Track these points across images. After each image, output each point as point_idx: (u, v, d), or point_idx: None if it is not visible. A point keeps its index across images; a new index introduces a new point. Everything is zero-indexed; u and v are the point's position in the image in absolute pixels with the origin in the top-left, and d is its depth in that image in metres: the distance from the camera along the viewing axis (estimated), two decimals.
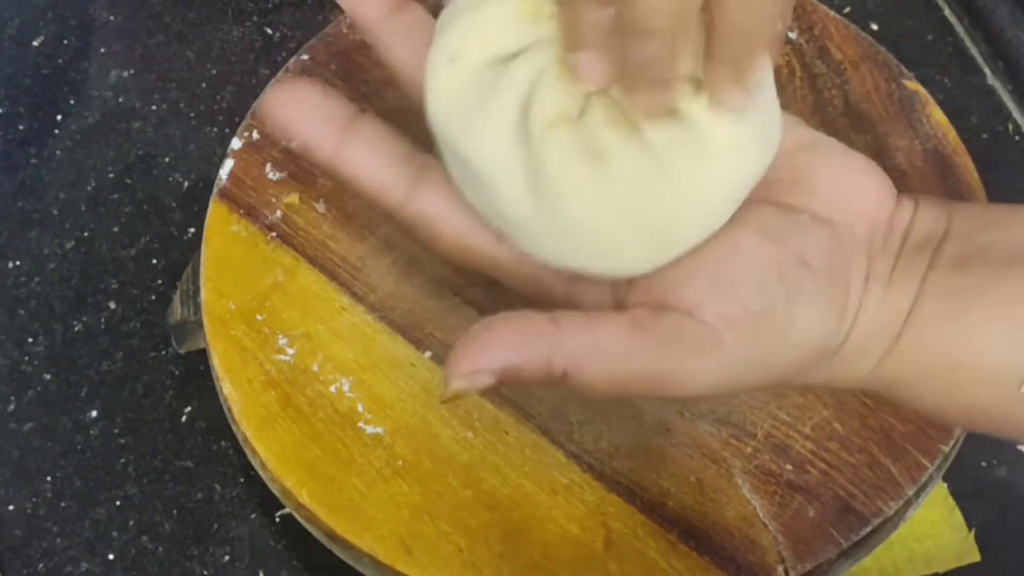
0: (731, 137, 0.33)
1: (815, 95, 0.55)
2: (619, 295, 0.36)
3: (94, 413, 0.56)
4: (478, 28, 0.34)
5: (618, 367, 0.33)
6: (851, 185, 0.36)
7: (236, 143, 0.54)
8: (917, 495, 0.45)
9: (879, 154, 0.52)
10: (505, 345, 0.32)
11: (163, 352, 0.58)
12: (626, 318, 0.34)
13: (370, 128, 0.36)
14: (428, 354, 0.48)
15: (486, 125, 0.34)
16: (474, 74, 0.34)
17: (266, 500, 0.50)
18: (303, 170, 0.53)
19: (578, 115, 0.33)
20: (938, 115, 0.54)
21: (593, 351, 0.33)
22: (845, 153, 0.37)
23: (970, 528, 0.53)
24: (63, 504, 0.54)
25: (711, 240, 0.34)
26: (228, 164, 0.53)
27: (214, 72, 0.68)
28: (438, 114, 0.35)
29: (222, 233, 0.51)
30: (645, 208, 0.33)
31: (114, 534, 0.53)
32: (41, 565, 0.52)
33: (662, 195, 0.33)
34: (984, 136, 0.65)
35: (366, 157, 0.35)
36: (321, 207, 0.52)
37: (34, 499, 0.54)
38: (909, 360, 0.35)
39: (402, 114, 0.54)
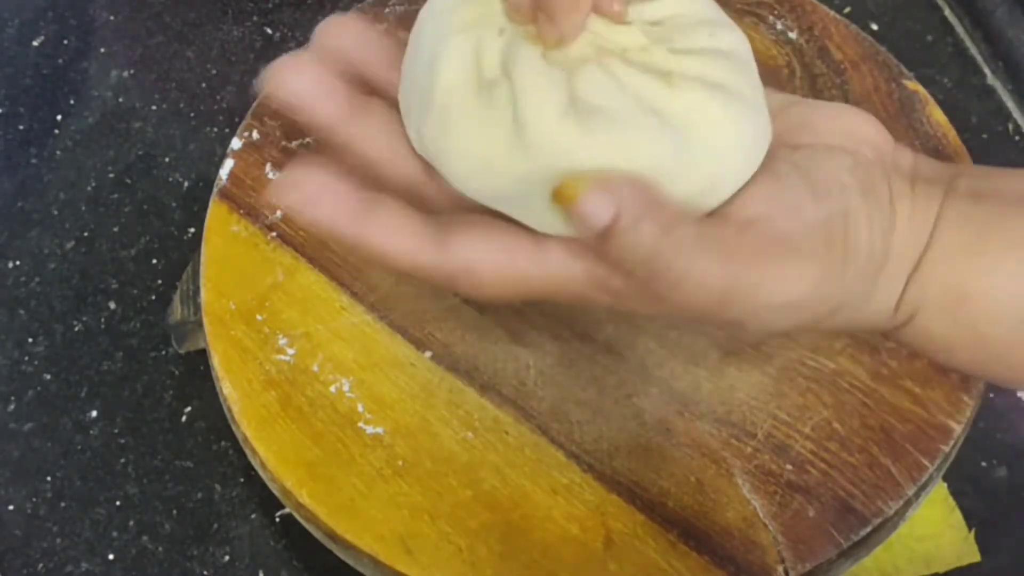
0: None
1: (815, 95, 0.55)
2: None
3: (94, 413, 0.56)
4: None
5: (709, 267, 0.33)
6: (847, 119, 0.37)
7: (236, 143, 0.54)
8: (917, 495, 0.45)
9: None
10: (634, 192, 0.32)
11: (163, 352, 0.58)
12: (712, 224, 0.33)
13: (388, 205, 0.34)
14: (428, 354, 0.48)
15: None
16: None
17: (266, 500, 0.50)
18: None
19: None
20: (938, 115, 0.54)
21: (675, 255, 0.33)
22: (830, 102, 0.38)
23: (970, 528, 0.53)
24: (63, 504, 0.54)
25: (749, 184, 0.34)
26: (228, 164, 0.53)
27: (214, 72, 0.68)
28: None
29: (222, 233, 0.51)
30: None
31: (114, 534, 0.53)
32: (41, 565, 0.52)
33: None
34: (984, 136, 0.65)
35: (388, 230, 0.33)
36: None
37: (34, 499, 0.54)
38: (926, 287, 0.36)
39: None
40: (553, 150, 0.32)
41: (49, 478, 0.55)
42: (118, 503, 0.54)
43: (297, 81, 0.34)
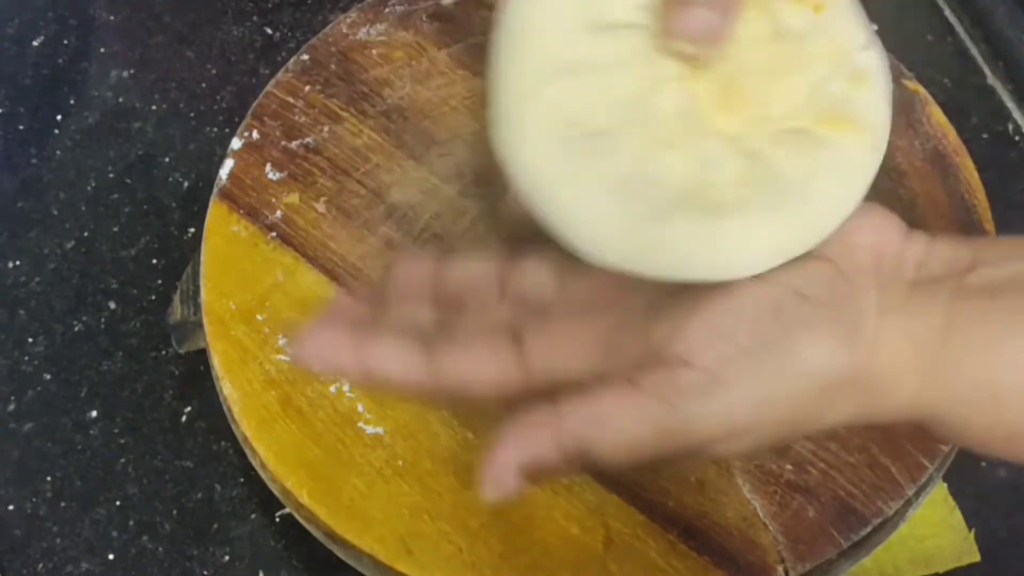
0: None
1: None
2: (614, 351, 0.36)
3: (94, 413, 0.56)
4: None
5: (625, 432, 0.33)
6: (853, 219, 0.36)
7: (236, 143, 0.54)
8: (917, 495, 0.45)
9: None
10: (515, 447, 0.34)
11: (163, 352, 0.58)
12: (622, 380, 0.34)
13: (384, 340, 0.36)
14: None
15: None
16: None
17: (266, 500, 0.50)
18: (303, 170, 0.53)
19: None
20: (938, 115, 0.54)
21: (596, 424, 0.34)
22: None
23: (970, 528, 0.53)
24: (63, 504, 0.54)
25: (704, 288, 0.35)
26: (228, 164, 0.53)
27: (214, 72, 0.68)
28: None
29: (222, 233, 0.51)
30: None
31: (114, 534, 0.53)
32: (41, 565, 0.52)
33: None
34: (984, 136, 0.65)
35: (387, 362, 0.36)
36: (321, 207, 0.52)
37: (34, 499, 0.54)
38: (949, 388, 0.35)
39: (401, 113, 0.55)
40: None
41: (49, 478, 0.55)
42: (118, 503, 0.54)
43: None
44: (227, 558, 0.53)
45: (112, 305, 0.59)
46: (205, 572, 0.52)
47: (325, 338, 0.37)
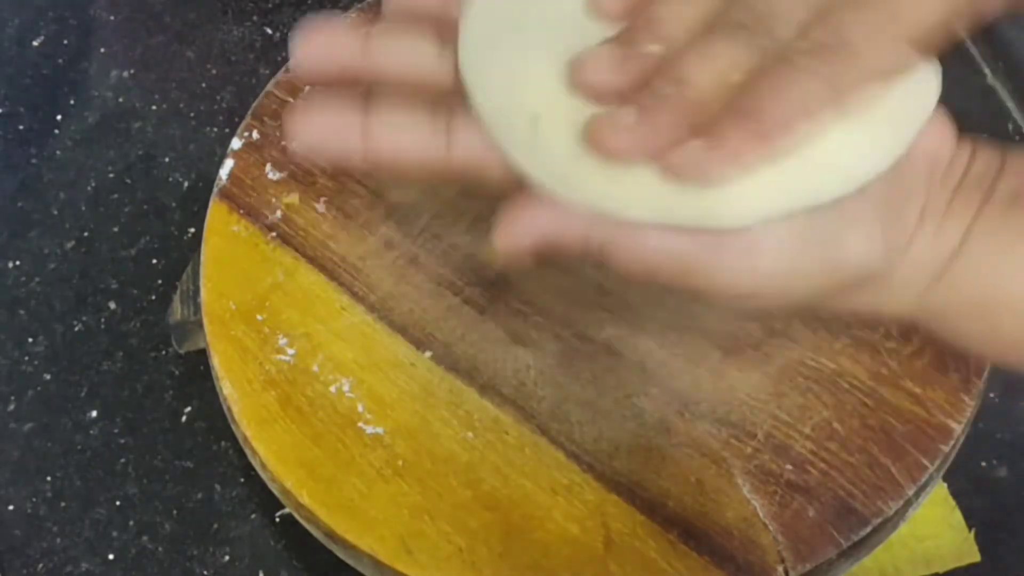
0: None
1: None
2: None
3: (94, 413, 0.56)
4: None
5: (650, 251, 0.34)
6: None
7: (236, 143, 0.54)
8: (917, 495, 0.45)
9: None
10: (546, 217, 0.34)
11: (163, 352, 0.58)
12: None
13: (386, 109, 0.35)
14: (428, 354, 0.48)
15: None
16: None
17: (266, 500, 0.50)
18: (303, 170, 0.53)
19: None
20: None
21: (628, 234, 0.33)
22: None
23: (970, 528, 0.53)
24: (63, 504, 0.54)
25: None
26: (228, 164, 0.53)
27: (214, 72, 0.68)
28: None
29: (222, 233, 0.51)
30: None
31: (114, 534, 0.53)
32: (41, 565, 0.52)
33: None
34: (984, 136, 0.65)
35: (394, 137, 0.34)
36: (321, 207, 0.52)
37: (34, 499, 0.54)
38: (956, 292, 0.36)
39: None
40: None
41: (49, 478, 0.55)
42: (118, 503, 0.54)
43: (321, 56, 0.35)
44: (227, 558, 0.53)
45: (112, 305, 0.59)
46: (205, 572, 0.52)
47: (324, 119, 0.34)
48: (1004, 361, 0.38)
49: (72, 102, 0.66)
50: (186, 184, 0.63)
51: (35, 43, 0.69)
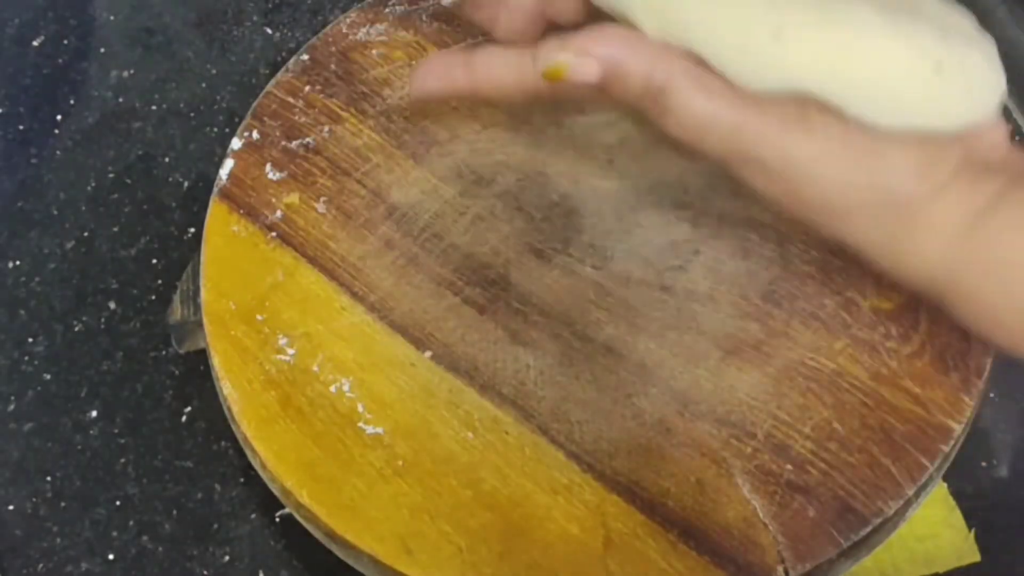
0: None
1: None
2: None
3: (94, 413, 0.56)
4: None
5: (713, 102, 0.35)
6: None
7: (236, 143, 0.54)
8: (917, 495, 0.45)
9: None
10: (619, 42, 0.37)
11: (163, 352, 0.58)
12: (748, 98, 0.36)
13: (484, 50, 0.42)
14: (428, 354, 0.48)
15: None
16: None
17: (266, 500, 0.50)
18: (303, 170, 0.53)
19: None
20: None
21: (696, 80, 0.35)
22: None
23: (970, 528, 0.53)
24: (63, 504, 0.54)
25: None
26: (228, 164, 0.53)
27: (214, 72, 0.68)
28: None
29: (222, 233, 0.51)
30: None
31: (114, 534, 0.53)
32: (41, 565, 0.52)
33: None
34: None
35: (492, 66, 0.41)
36: (321, 207, 0.52)
37: (34, 499, 0.54)
38: (978, 251, 0.37)
39: (401, 113, 0.55)
40: None
41: (49, 478, 0.55)
42: (118, 503, 0.54)
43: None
44: (227, 558, 0.53)
45: (112, 305, 0.59)
46: (205, 572, 0.52)
47: (436, 64, 0.43)
48: (1008, 340, 0.39)
49: (72, 102, 0.66)
50: (186, 184, 0.63)
51: (35, 43, 0.69)
